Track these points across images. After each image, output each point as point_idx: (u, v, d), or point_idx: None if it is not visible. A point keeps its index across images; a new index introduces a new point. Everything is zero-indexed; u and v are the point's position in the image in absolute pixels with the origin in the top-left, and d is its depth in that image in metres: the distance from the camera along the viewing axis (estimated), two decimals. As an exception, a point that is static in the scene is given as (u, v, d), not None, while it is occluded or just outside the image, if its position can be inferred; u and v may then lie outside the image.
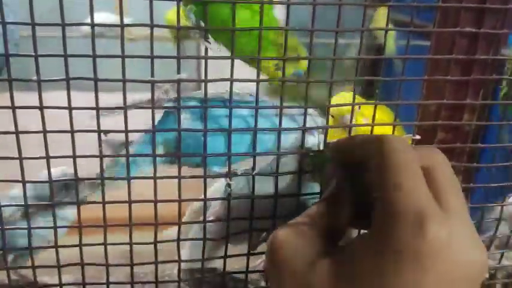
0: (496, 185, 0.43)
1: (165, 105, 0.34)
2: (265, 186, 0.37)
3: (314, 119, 0.37)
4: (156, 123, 0.34)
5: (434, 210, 0.25)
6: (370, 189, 0.28)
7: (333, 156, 0.34)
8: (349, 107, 0.36)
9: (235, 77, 0.33)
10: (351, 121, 0.37)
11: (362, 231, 0.33)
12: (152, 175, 0.34)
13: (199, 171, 0.36)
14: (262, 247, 0.42)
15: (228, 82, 0.33)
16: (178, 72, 0.32)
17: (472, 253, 0.26)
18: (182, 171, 0.35)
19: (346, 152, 0.32)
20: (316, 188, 0.38)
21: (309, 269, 0.27)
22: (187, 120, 0.35)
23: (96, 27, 0.30)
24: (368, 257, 0.25)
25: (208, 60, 0.33)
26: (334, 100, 0.39)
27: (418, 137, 0.37)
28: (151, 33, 0.31)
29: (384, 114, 0.44)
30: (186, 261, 0.39)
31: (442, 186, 0.27)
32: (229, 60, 0.33)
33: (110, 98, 0.35)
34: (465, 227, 0.26)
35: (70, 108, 0.32)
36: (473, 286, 0.26)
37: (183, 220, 0.39)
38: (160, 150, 0.36)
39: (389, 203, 0.26)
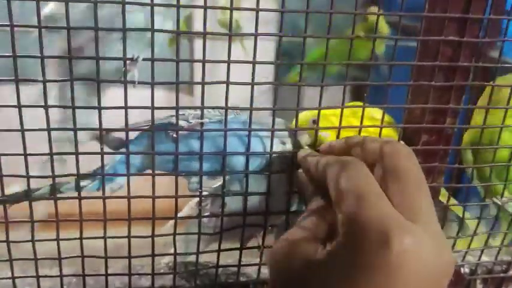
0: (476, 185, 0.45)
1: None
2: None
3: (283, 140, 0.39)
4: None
5: (398, 220, 0.26)
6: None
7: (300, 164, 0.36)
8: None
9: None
10: (340, 123, 0.38)
11: None
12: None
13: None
14: (252, 242, 0.44)
15: (224, 85, 0.35)
16: (177, 75, 0.33)
17: (438, 255, 0.26)
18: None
19: (310, 170, 0.34)
20: None
21: (304, 277, 0.28)
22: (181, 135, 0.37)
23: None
24: (340, 271, 0.26)
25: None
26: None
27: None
28: (152, 38, 0.33)
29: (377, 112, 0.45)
30: (181, 254, 0.41)
31: (407, 189, 0.28)
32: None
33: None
34: (430, 229, 0.27)
35: (73, 107, 0.34)
36: (441, 285, 0.27)
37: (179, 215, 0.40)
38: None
39: (353, 219, 0.26)
